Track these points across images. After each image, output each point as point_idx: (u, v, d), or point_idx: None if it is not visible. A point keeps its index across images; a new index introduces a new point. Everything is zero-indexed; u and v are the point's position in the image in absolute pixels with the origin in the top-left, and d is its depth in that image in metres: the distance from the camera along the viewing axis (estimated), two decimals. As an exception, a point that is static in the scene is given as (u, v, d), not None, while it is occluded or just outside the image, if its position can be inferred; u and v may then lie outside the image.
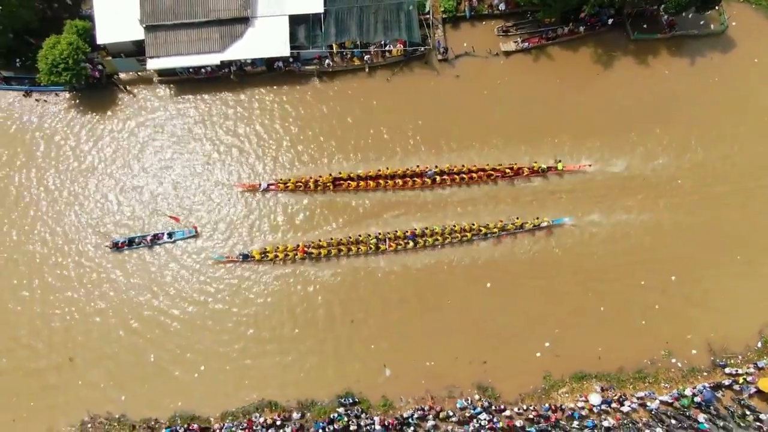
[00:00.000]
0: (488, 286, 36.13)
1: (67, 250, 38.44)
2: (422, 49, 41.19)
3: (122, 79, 42.02)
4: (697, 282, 36.11)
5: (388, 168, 38.55)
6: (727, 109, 39.78)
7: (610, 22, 42.07)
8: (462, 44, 42.15)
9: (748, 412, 33.21)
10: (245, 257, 37.54)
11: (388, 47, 40.79)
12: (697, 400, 33.06)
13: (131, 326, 36.78)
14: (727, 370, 34.06)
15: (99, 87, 41.48)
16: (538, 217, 37.53)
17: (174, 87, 41.84)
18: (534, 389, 34.67)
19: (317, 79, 41.47)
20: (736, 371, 33.87)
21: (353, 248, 37.28)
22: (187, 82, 41.66)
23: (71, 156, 40.53)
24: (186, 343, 36.27)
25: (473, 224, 37.44)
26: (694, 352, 35.43)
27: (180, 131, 40.91)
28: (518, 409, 33.82)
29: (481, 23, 42.92)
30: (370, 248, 37.16)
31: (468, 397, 34.20)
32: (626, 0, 39.80)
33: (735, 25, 42.10)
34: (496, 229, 37.20)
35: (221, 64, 40.33)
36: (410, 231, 37.48)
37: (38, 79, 39.81)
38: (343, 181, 38.69)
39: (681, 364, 35.12)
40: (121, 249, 38.18)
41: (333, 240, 37.57)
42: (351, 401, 34.50)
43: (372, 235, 37.53)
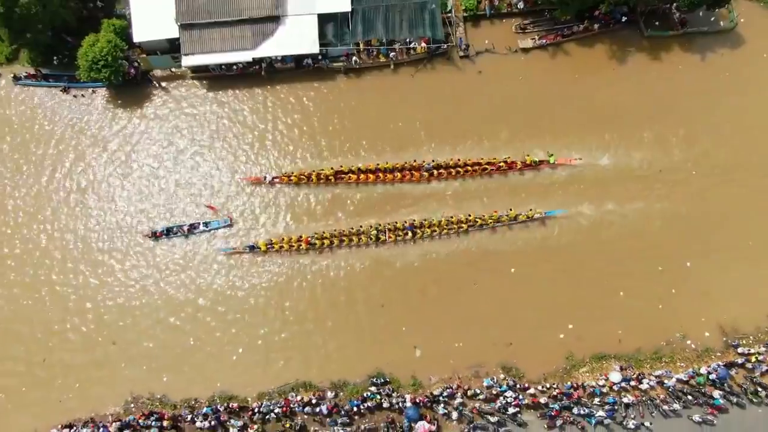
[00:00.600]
0: (512, 271, 37.95)
1: (108, 240, 40.10)
2: (445, 46, 42.88)
3: (157, 75, 43.65)
4: (711, 267, 37.91)
5: (388, 162, 40.16)
6: (736, 103, 41.44)
7: (624, 19, 43.72)
8: (481, 41, 43.62)
9: (760, 389, 35.09)
10: (252, 248, 39.19)
11: (412, 45, 42.51)
12: (711, 377, 34.90)
13: (171, 312, 38.47)
14: (739, 350, 35.92)
15: (134, 83, 43.02)
16: (532, 208, 39.19)
17: (206, 83, 43.48)
18: (556, 369, 36.53)
19: (344, 76, 43.14)
20: (748, 351, 35.73)
21: (354, 239, 38.87)
22: (219, 78, 43.28)
23: (110, 149, 42.19)
24: (224, 328, 38.01)
25: (469, 216, 39.04)
26: (707, 334, 37.29)
27: (212, 125, 42.48)
28: (541, 387, 35.67)
29: (500, 21, 44.51)
30: (371, 239, 38.78)
31: (494, 376, 36.06)
32: (640, -2, 41.62)
33: (743, 22, 43.72)
34: (491, 221, 38.80)
35: (252, 61, 41.99)
36: (409, 222, 39.14)
37: (78, 75, 41.44)
38: (344, 174, 40.27)
39: (695, 346, 36.99)
40: (159, 238, 39.89)
41: (336, 231, 39.18)
42: (382, 381, 36.30)
43: (372, 227, 39.19)
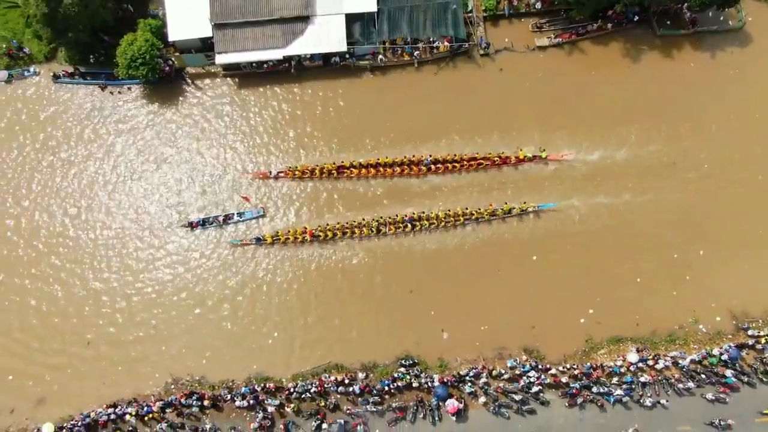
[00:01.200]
0: (534, 259, 39.95)
1: (146, 231, 42.05)
2: (466, 45, 44.85)
3: (190, 73, 45.58)
4: (723, 256, 39.84)
5: (387, 157, 42.06)
6: (745, 98, 43.40)
7: (636, 19, 45.69)
8: (500, 40, 45.49)
9: (769, 369, 37.12)
10: (258, 240, 41.06)
11: (435, 44, 44.45)
12: (723, 357, 36.84)
13: (207, 298, 40.36)
14: (749, 332, 37.85)
15: (168, 80, 44.96)
16: (525, 201, 41.08)
17: (237, 80, 45.41)
18: (576, 351, 38.45)
19: (370, 73, 45.07)
20: (758, 333, 37.67)
21: (357, 231, 40.74)
22: (250, 75, 45.22)
23: (148, 143, 44.16)
24: (259, 313, 39.88)
25: (466, 209, 40.98)
26: (718, 318, 39.13)
27: (241, 121, 44.40)
28: (562, 368, 37.63)
29: (518, 20, 46.48)
30: (372, 231, 40.70)
31: (517, 357, 38.03)
32: (654, -2, 43.54)
33: (751, 21, 45.67)
34: (486, 214, 40.69)
35: (282, 59, 43.93)
36: (408, 215, 40.98)
37: (116, 73, 43.38)
38: (346, 169, 42.14)
39: (706, 330, 38.91)
40: (195, 228, 41.83)
41: (339, 224, 41.00)
42: (411, 362, 38.26)
43: (374, 219, 41.09)
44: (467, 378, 37.25)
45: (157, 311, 40.31)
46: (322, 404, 37.23)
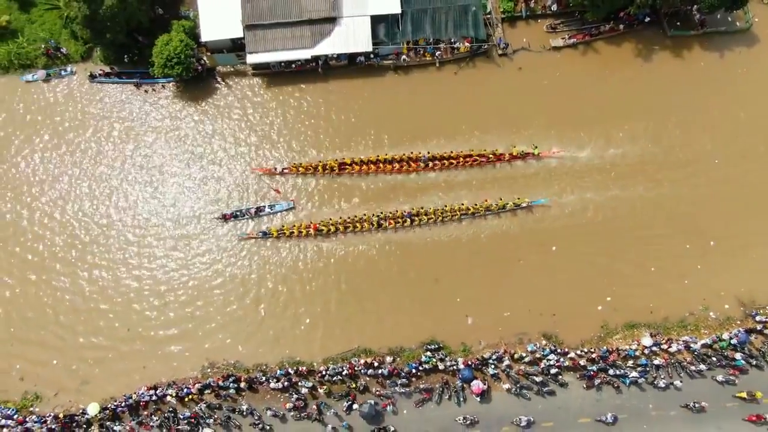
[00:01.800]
0: (554, 249, 42.07)
1: (184, 222, 44.11)
2: (485, 45, 46.84)
3: (221, 72, 47.55)
4: (732, 246, 41.99)
5: (387, 154, 44.13)
6: (752, 95, 45.56)
7: (647, 20, 47.70)
8: (517, 40, 47.45)
9: (777, 353, 39.23)
10: (264, 234, 43.00)
11: (456, 44, 46.44)
12: (733, 341, 38.94)
13: (243, 286, 42.44)
14: (757, 318, 39.94)
15: (200, 79, 46.92)
16: (519, 197, 43.09)
17: (266, 79, 47.38)
18: (592, 337, 40.55)
19: (393, 73, 47.04)
20: (766, 319, 39.74)
21: (358, 225, 42.68)
22: (278, 74, 47.15)
23: (181, 138, 46.20)
24: (292, 300, 41.92)
25: (462, 204, 42.94)
26: (726, 306, 41.25)
27: (270, 118, 46.28)
28: (579, 352, 39.69)
29: (535, 22, 48.45)
30: (372, 225, 42.67)
31: (536, 342, 40.10)
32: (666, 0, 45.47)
33: (758, 22, 47.69)
34: (481, 209, 42.65)
35: (310, 59, 45.88)
36: (407, 211, 42.93)
37: (151, 72, 45.32)
38: (347, 166, 44.13)
39: (715, 316, 40.98)
40: (228, 220, 43.81)
41: (341, 218, 42.97)
42: (435, 347, 40.31)
43: (374, 214, 43.04)
44: (490, 361, 39.30)
45: (194, 301, 42.33)
46: (352, 386, 39.27)
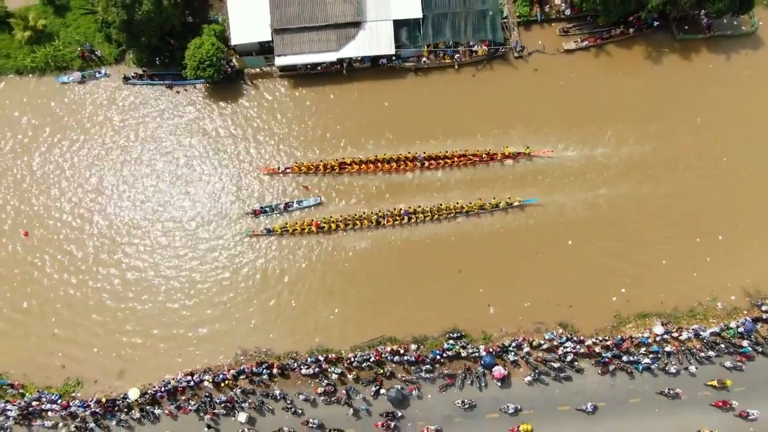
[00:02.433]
0: (569, 243, 44.23)
1: (215, 216, 46.32)
2: (502, 48, 48.96)
3: (249, 73, 49.67)
4: (739, 240, 44.12)
5: (385, 154, 46.19)
6: (758, 95, 47.69)
7: (656, 24, 49.80)
8: (532, 44, 49.68)
9: (782, 340, 41.38)
10: (269, 231, 45.01)
11: (474, 47, 48.56)
12: (740, 330, 41.11)
13: (276, 278, 44.59)
14: (763, 308, 42.11)
15: (229, 80, 49.01)
16: (510, 197, 45.15)
17: (292, 80, 49.48)
18: (606, 326, 42.71)
19: (414, 74, 49.18)
20: (771, 308, 42.06)
21: (358, 223, 44.67)
22: (304, 76, 49.25)
23: (213, 137, 48.38)
24: (321, 292, 44.06)
25: (457, 203, 44.96)
26: (733, 297, 43.41)
27: (296, 118, 48.44)
28: (594, 340, 41.85)
29: (549, 25, 50.61)
30: (372, 223, 44.68)
31: (553, 331, 42.26)
32: (674, 4, 47.50)
33: (763, 26, 49.80)
34: (475, 207, 44.57)
35: (335, 61, 48.01)
36: (404, 209, 44.90)
37: (184, 74, 47.42)
38: (347, 165, 46.12)
39: (722, 306, 43.13)
40: (258, 215, 45.95)
41: (341, 216, 44.94)
42: (458, 335, 42.47)
43: (373, 212, 45.00)
44: (510, 348, 41.46)
45: (226, 293, 44.47)
46: (380, 372, 41.44)
